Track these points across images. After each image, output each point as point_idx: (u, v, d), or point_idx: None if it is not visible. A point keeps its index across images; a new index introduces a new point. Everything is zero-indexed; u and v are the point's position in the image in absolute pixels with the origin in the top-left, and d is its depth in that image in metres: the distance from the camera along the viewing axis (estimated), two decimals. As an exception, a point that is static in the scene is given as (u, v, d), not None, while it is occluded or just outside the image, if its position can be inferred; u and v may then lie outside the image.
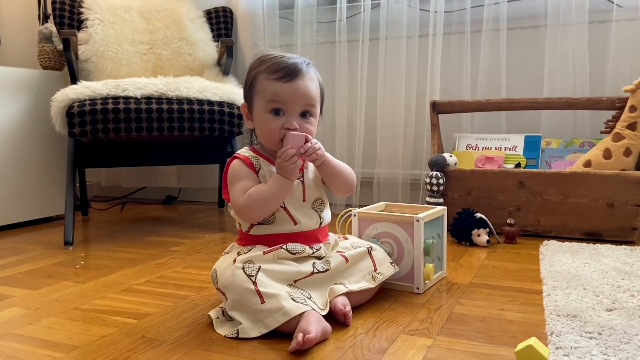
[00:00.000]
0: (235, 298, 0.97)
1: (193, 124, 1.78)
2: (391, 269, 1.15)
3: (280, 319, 0.92)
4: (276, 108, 1.04)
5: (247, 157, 1.08)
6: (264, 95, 1.04)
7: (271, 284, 0.96)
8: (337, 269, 1.07)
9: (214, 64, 2.27)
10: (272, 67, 1.04)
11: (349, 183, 1.13)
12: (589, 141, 1.85)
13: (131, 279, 1.36)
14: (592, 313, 1.00)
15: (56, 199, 2.22)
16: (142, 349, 0.91)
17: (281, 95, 1.03)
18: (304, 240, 1.07)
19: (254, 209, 1.03)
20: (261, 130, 1.07)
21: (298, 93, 1.03)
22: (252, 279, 0.96)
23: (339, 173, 1.11)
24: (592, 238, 1.66)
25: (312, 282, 1.03)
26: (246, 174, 1.06)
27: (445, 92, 2.12)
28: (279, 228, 1.06)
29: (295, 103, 1.04)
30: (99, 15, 2.15)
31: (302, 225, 1.07)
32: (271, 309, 0.93)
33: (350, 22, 2.25)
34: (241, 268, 0.98)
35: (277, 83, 1.03)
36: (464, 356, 0.86)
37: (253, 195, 1.02)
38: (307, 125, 1.05)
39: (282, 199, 1.04)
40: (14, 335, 1.00)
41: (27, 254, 1.66)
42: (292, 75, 1.03)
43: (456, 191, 1.84)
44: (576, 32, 1.90)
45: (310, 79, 1.06)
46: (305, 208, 1.09)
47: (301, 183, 1.08)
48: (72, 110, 1.69)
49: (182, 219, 2.23)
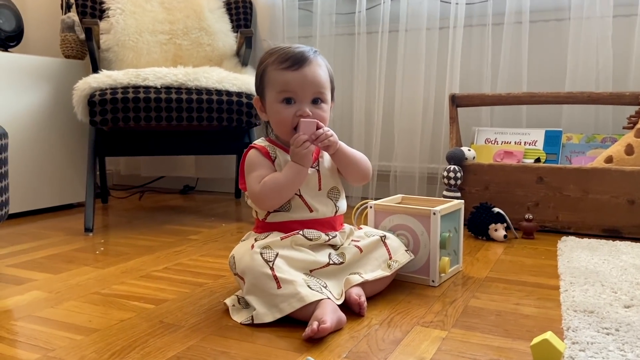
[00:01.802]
0: (253, 282, 0.98)
1: (211, 114, 1.80)
2: (406, 257, 1.15)
3: (296, 305, 0.93)
4: (287, 97, 1.05)
5: (263, 146, 1.09)
6: (274, 87, 1.06)
7: (288, 270, 0.98)
8: (352, 260, 1.07)
9: (233, 54, 2.28)
10: (280, 58, 1.06)
11: (364, 171, 1.14)
12: (611, 137, 1.83)
13: (149, 265, 1.38)
14: (610, 309, 0.99)
15: (77, 186, 2.26)
16: (159, 334, 0.93)
17: (291, 84, 1.04)
18: (320, 227, 1.07)
19: (269, 196, 1.04)
20: (275, 121, 1.08)
21: (307, 80, 1.04)
22: (270, 264, 0.97)
23: (353, 161, 1.11)
24: (611, 235, 1.64)
25: (328, 272, 1.04)
26: (262, 163, 1.07)
27: (464, 86, 2.10)
28: (295, 215, 1.07)
29: (305, 90, 1.05)
30: (120, 5, 2.17)
31: (318, 213, 1.08)
32: (287, 294, 0.94)
33: (370, 13, 2.24)
34: (259, 253, 0.99)
35: (286, 72, 1.04)
36: (478, 349, 0.86)
37: (268, 183, 1.04)
38: (319, 111, 1.06)
39: (296, 186, 1.05)
40: (36, 318, 1.02)
41: (49, 239, 1.70)
42: (300, 63, 1.04)
43: (474, 185, 1.83)
44: (600, 26, 1.87)
45: (318, 65, 1.07)
46: (321, 197, 1.09)
47: (317, 172, 1.09)
48: (94, 99, 1.71)
49: (199, 208, 2.25)
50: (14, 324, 0.99)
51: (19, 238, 1.71)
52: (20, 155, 2.04)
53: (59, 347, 0.88)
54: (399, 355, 0.84)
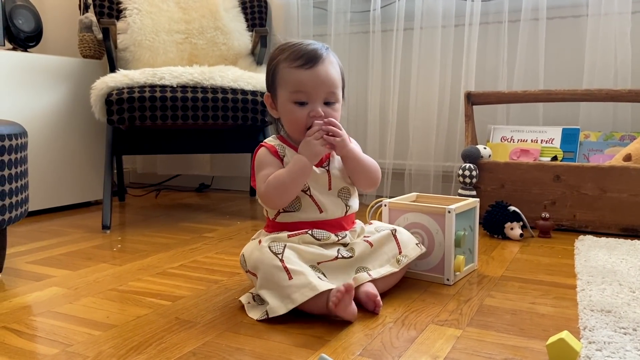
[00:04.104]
0: (264, 276, 0.99)
1: (227, 112, 1.81)
2: (417, 250, 1.14)
3: (308, 294, 0.93)
4: (300, 98, 1.05)
5: (272, 145, 1.10)
6: (287, 86, 1.06)
7: (297, 262, 0.98)
8: (362, 254, 1.07)
9: (248, 53, 2.29)
10: (292, 55, 1.05)
11: (373, 178, 1.12)
12: (630, 135, 1.80)
13: (166, 262, 1.39)
14: (627, 309, 0.97)
15: (94, 184, 2.29)
16: (176, 330, 0.94)
17: (304, 85, 1.04)
18: (330, 228, 1.08)
19: (274, 194, 1.04)
20: (287, 120, 1.08)
21: (320, 80, 1.04)
22: (279, 256, 0.98)
23: (362, 167, 1.10)
24: (630, 234, 1.62)
25: (336, 266, 1.04)
26: (270, 161, 1.08)
27: (480, 83, 2.09)
28: (305, 215, 1.07)
29: (318, 91, 1.04)
30: (137, 5, 2.19)
31: (328, 214, 1.08)
32: (299, 284, 0.95)
33: (385, 11, 2.23)
34: (267, 247, 1.00)
35: (299, 71, 1.04)
36: (493, 347, 0.85)
37: (271, 181, 1.04)
38: (332, 111, 1.06)
39: (300, 182, 1.04)
40: (55, 313, 1.04)
41: (67, 236, 1.72)
42: (312, 62, 1.04)
43: (489, 184, 1.81)
44: (618, 22, 1.84)
45: (331, 63, 1.07)
46: (332, 196, 1.09)
47: (326, 172, 1.09)
48: (111, 98, 1.73)
49: (214, 206, 2.27)
50: (33, 320, 1.01)
51: (38, 235, 1.74)
52: (39, 153, 2.07)
53: (77, 342, 0.90)
54: (413, 354, 0.84)
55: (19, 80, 2.01)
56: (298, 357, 0.83)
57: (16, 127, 1.24)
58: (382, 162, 2.23)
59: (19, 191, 1.23)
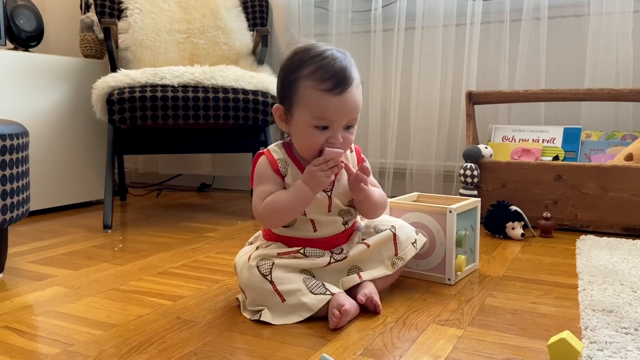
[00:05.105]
0: (255, 297, 0.99)
1: (228, 112, 1.81)
2: (412, 251, 1.10)
3: (304, 314, 0.94)
4: (323, 124, 0.96)
5: (275, 159, 1.03)
6: (310, 109, 0.95)
7: (287, 278, 0.97)
8: (356, 255, 1.05)
9: (249, 53, 2.29)
10: (320, 75, 0.94)
11: (379, 212, 1.09)
12: (632, 134, 1.80)
13: (167, 262, 1.39)
14: (629, 309, 0.97)
15: (96, 184, 2.29)
16: (177, 329, 0.94)
17: (331, 113, 0.95)
18: (324, 245, 1.04)
19: (270, 217, 1.00)
20: (302, 141, 1.00)
21: (347, 108, 0.96)
22: (268, 278, 0.97)
23: (372, 204, 1.06)
24: (631, 234, 1.62)
25: (329, 269, 1.02)
26: (270, 177, 1.02)
27: (481, 83, 2.09)
28: (297, 233, 1.04)
29: (343, 118, 0.97)
30: (138, 4, 2.19)
31: (323, 232, 1.04)
32: (293, 305, 0.95)
33: (386, 10, 2.23)
34: (255, 267, 0.98)
35: (326, 96, 0.94)
36: (494, 347, 0.85)
37: (269, 204, 0.99)
38: (349, 135, 0.99)
39: (299, 210, 1.00)
40: (56, 313, 1.04)
41: (68, 236, 1.72)
42: (342, 86, 0.94)
43: (491, 183, 1.81)
44: (620, 21, 1.84)
45: (357, 85, 0.98)
46: (331, 216, 1.05)
47: (328, 197, 1.03)
48: (112, 98, 1.73)
49: (216, 206, 2.27)
50: (34, 319, 1.01)
51: (40, 235, 1.74)
52: (41, 153, 2.07)
53: (78, 341, 0.90)
54: (414, 353, 0.84)
55: (20, 80, 2.01)
56: (299, 357, 0.83)
57: (17, 127, 1.24)
58: (383, 161, 2.23)
59: (20, 191, 1.23)
